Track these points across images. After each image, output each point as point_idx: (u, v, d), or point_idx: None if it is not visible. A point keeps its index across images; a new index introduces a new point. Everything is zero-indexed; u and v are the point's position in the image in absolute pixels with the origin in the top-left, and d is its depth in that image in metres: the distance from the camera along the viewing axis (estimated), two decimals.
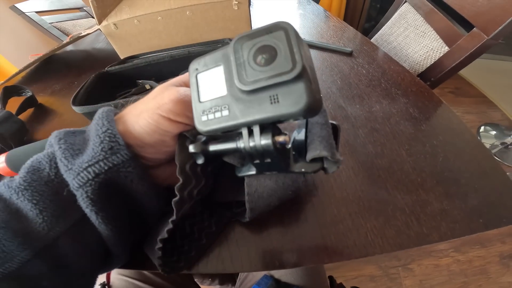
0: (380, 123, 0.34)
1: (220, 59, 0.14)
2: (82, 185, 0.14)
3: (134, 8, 0.46)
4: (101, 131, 0.15)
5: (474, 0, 0.52)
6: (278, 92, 0.12)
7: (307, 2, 0.92)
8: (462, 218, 0.23)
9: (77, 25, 1.05)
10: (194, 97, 0.15)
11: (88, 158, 0.15)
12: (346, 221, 0.24)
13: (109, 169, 0.15)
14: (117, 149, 0.15)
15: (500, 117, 1.46)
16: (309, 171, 0.15)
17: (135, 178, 0.16)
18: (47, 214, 0.14)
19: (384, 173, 0.27)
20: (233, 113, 0.13)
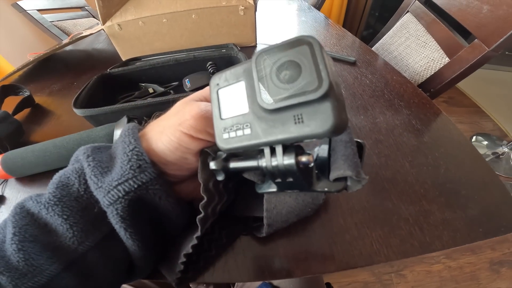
0: (384, 134, 0.34)
1: (242, 75, 0.14)
2: (112, 203, 0.15)
3: (140, 9, 0.45)
4: (128, 149, 0.16)
5: (477, 11, 0.52)
6: (303, 112, 0.11)
7: (308, 9, 0.93)
8: (462, 227, 0.24)
9: (78, 24, 1.05)
10: (215, 113, 0.15)
11: (118, 177, 0.15)
12: (352, 231, 0.24)
13: (139, 187, 0.15)
14: (144, 167, 0.15)
15: (492, 127, 1.49)
16: (332, 191, 0.15)
17: (163, 195, 0.16)
18: (77, 229, 0.15)
19: (388, 184, 0.28)
20: (255, 132, 0.13)
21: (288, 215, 0.20)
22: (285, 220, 0.20)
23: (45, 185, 0.30)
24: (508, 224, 0.24)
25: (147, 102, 0.29)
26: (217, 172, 0.16)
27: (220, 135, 0.14)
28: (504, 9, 0.47)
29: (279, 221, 0.20)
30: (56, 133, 0.38)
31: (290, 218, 0.20)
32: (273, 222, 0.20)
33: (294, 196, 0.19)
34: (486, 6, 0.51)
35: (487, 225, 0.24)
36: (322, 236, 0.24)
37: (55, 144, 0.29)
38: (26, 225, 0.15)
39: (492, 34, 0.48)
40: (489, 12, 0.50)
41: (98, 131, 0.28)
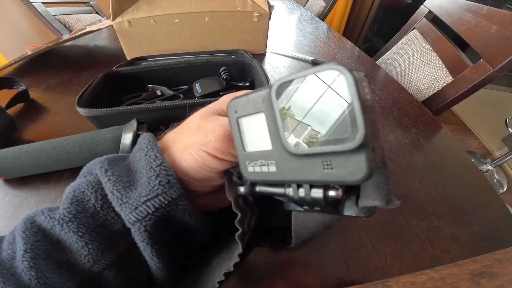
0: (395, 153, 0.36)
1: (261, 105, 0.12)
2: (140, 219, 0.14)
3: (153, 7, 0.44)
4: (155, 164, 0.15)
5: (486, 31, 0.53)
6: (333, 159, 0.10)
7: (312, 19, 0.94)
8: (469, 242, 0.26)
9: (81, 19, 1.03)
10: (238, 143, 0.14)
11: (146, 192, 0.14)
12: (367, 246, 0.25)
13: (169, 203, 0.15)
14: (173, 182, 0.15)
15: (477, 145, 1.54)
16: (360, 216, 0.14)
17: (192, 210, 0.16)
18: (92, 247, 0.14)
19: (400, 201, 0.28)
20: (281, 171, 0.12)
21: (315, 227, 0.19)
22: (312, 232, 0.20)
23: (37, 189, 0.28)
24: (508, 238, 0.27)
25: (158, 106, 0.27)
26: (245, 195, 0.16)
27: (245, 167, 0.14)
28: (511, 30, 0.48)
29: (306, 233, 0.19)
30: (52, 132, 0.36)
31: (317, 230, 0.19)
32: (300, 235, 0.19)
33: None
34: (495, 26, 0.51)
35: (490, 239, 0.26)
36: (338, 251, 0.24)
37: (53, 146, 0.26)
38: (38, 241, 0.14)
39: (498, 55, 0.49)
40: (497, 32, 0.50)
41: (104, 133, 0.25)
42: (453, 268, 0.24)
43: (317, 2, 1.32)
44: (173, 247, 0.17)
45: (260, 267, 0.23)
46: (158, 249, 0.15)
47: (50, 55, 0.57)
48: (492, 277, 0.23)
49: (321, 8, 1.24)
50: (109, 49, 0.61)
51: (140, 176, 0.15)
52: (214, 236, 0.21)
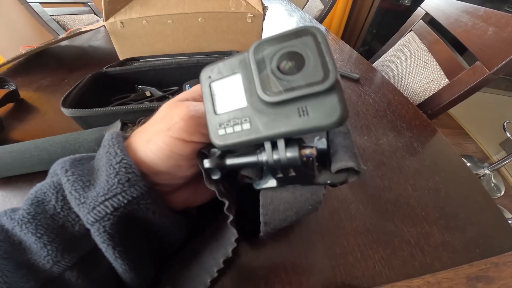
0: (387, 156, 0.35)
1: (237, 66, 0.13)
2: (99, 220, 0.14)
3: (145, 8, 0.43)
4: (115, 161, 0.14)
5: (483, 33, 0.52)
6: (308, 104, 0.11)
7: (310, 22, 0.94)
8: (461, 248, 0.25)
9: (78, 20, 1.03)
10: (208, 108, 0.13)
11: (104, 191, 0.14)
12: (355, 253, 0.24)
13: (129, 202, 0.14)
14: (134, 180, 0.14)
15: (475, 149, 1.54)
16: (335, 182, 0.15)
17: (156, 209, 0.15)
18: (51, 248, 0.14)
19: (391, 207, 0.28)
20: (255, 126, 0.12)
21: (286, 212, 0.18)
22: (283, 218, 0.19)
23: (20, 189, 0.27)
24: (502, 245, 0.26)
25: (143, 107, 0.26)
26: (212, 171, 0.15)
27: (215, 132, 0.13)
28: (508, 31, 0.47)
29: (276, 218, 0.18)
30: (38, 132, 0.35)
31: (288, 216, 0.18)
32: (270, 220, 0.18)
33: (291, 190, 0.17)
34: (492, 28, 0.51)
35: (483, 246, 0.26)
36: (324, 258, 0.24)
37: (36, 146, 0.26)
38: (0, 241, 0.14)
39: (494, 57, 0.48)
40: (494, 34, 0.50)
41: (87, 134, 0.25)
42: (449, 272, 0.24)
43: (315, 4, 1.32)
44: (140, 249, 0.17)
45: (242, 272, 0.22)
46: (121, 250, 0.15)
47: (45, 55, 0.57)
48: (489, 281, 0.23)
49: (319, 11, 1.24)
50: (104, 50, 0.61)
51: (101, 174, 0.15)
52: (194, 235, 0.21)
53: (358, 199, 0.29)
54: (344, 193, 0.29)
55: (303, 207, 0.19)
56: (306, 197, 0.18)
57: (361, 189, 0.30)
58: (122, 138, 0.16)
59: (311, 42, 0.11)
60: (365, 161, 0.34)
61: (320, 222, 0.26)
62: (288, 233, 0.25)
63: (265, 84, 0.11)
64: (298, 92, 0.11)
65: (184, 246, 0.21)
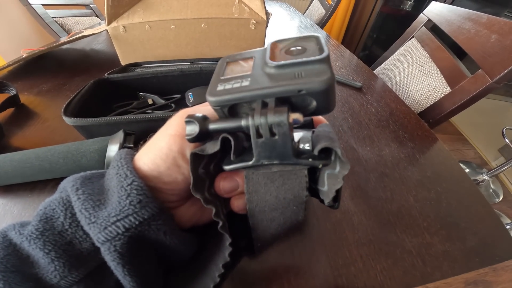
0: (390, 168, 0.35)
1: (253, 54, 0.15)
2: (110, 239, 0.14)
3: (148, 13, 0.43)
4: (125, 183, 0.14)
5: (485, 40, 0.52)
6: (304, 70, 0.13)
7: (311, 27, 0.94)
8: (461, 258, 0.26)
9: (80, 22, 1.03)
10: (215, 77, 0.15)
11: (116, 212, 0.14)
12: (358, 263, 0.24)
13: (140, 223, 0.14)
14: (146, 202, 0.14)
15: (473, 155, 1.54)
16: (316, 164, 0.15)
17: (167, 230, 0.15)
18: (59, 263, 0.14)
19: (393, 218, 0.29)
20: (254, 82, 0.13)
21: (272, 212, 0.19)
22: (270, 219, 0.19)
23: (20, 197, 0.27)
24: (502, 253, 0.26)
25: (147, 117, 0.26)
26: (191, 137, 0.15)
27: (213, 89, 0.14)
28: (511, 39, 0.47)
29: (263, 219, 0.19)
30: (39, 139, 0.35)
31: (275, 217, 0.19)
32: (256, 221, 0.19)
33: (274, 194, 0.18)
34: (494, 35, 0.51)
35: (483, 255, 0.26)
36: (327, 268, 0.24)
37: (37, 155, 0.26)
38: (8, 255, 0.14)
39: (496, 65, 0.48)
40: (497, 41, 0.49)
41: (89, 145, 0.25)
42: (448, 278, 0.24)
43: (316, 9, 1.33)
44: (149, 265, 0.17)
45: (245, 281, 0.23)
46: (130, 268, 0.15)
47: (46, 58, 0.57)
48: (487, 285, 0.23)
49: (320, 16, 1.25)
50: (105, 54, 0.61)
51: (112, 195, 0.15)
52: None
53: (360, 210, 0.29)
54: (347, 205, 0.29)
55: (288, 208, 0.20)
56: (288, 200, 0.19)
57: (363, 201, 0.30)
58: (130, 157, 0.16)
59: (313, 41, 0.14)
60: (368, 173, 0.34)
61: (323, 234, 0.26)
62: (291, 244, 0.25)
63: (273, 56, 0.14)
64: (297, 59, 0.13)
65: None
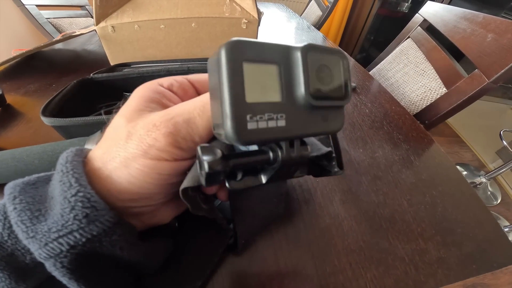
0: (383, 170, 0.34)
1: (279, 58, 0.12)
2: (53, 256, 0.12)
3: (137, 12, 0.42)
4: (69, 193, 0.12)
5: (482, 40, 0.51)
6: (329, 113, 0.13)
7: (308, 28, 0.93)
8: (457, 265, 0.25)
9: (74, 23, 1.02)
10: (233, 93, 0.11)
11: (57, 227, 0.12)
12: (346, 272, 0.23)
13: (88, 240, 0.12)
14: (94, 216, 0.12)
15: (471, 158, 1.54)
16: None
17: (124, 245, 0.14)
18: (3, 275, 0.13)
19: (386, 223, 0.28)
20: (290, 123, 0.12)
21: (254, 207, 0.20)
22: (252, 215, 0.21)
23: None
24: (500, 260, 0.26)
25: None
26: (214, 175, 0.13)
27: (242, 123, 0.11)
28: (508, 38, 0.46)
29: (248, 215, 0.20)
30: (21, 140, 0.34)
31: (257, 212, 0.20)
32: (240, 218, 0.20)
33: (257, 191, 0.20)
34: (491, 34, 0.50)
35: (480, 261, 0.25)
36: (313, 277, 0.23)
37: (13, 156, 0.25)
38: None
39: (493, 65, 0.47)
40: (493, 40, 0.49)
41: (65, 145, 0.24)
42: None
43: (313, 11, 1.33)
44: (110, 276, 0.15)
45: None
46: (86, 282, 0.13)
47: (36, 59, 0.56)
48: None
49: (317, 17, 1.25)
50: (96, 54, 0.60)
51: (55, 205, 0.13)
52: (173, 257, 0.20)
53: (351, 215, 0.28)
54: (337, 209, 0.28)
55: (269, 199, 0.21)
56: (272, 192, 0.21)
57: (355, 205, 0.29)
58: (80, 160, 0.14)
59: (339, 62, 0.13)
60: (360, 176, 0.33)
61: (310, 240, 0.25)
62: (276, 251, 0.24)
63: (308, 86, 0.12)
64: (331, 102, 0.13)
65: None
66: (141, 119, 0.14)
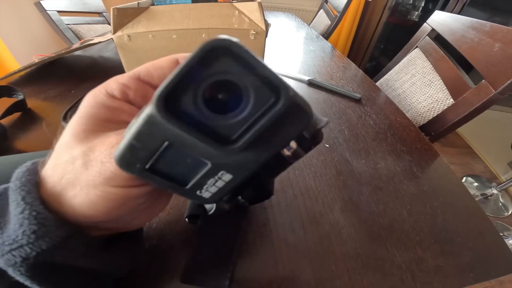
0: (385, 181, 0.34)
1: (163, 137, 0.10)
2: (11, 265, 0.12)
3: (152, 22, 0.45)
4: (17, 211, 0.12)
5: (489, 49, 0.50)
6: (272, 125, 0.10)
7: (317, 38, 0.95)
8: (454, 273, 0.25)
9: (92, 30, 1.06)
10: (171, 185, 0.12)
11: (9, 241, 0.12)
12: (343, 277, 0.24)
13: (38, 254, 0.12)
14: (42, 232, 0.12)
15: (483, 169, 1.50)
16: None
17: (78, 257, 0.14)
18: None
19: (384, 232, 0.28)
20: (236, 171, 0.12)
21: None
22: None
23: None
24: (498, 269, 0.26)
25: None
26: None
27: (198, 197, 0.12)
28: None
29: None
30: (41, 143, 0.36)
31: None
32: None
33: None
34: (498, 44, 0.49)
35: (478, 270, 0.25)
36: (310, 282, 0.23)
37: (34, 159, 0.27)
38: None
39: (500, 75, 0.46)
40: (500, 50, 0.48)
41: None
42: None
43: (322, 20, 1.34)
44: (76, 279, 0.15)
45: None
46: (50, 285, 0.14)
47: (56, 65, 0.59)
48: None
49: (326, 26, 1.26)
50: (112, 61, 0.63)
51: (11, 219, 0.13)
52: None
53: (350, 223, 0.28)
54: (336, 217, 0.29)
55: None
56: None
57: (354, 214, 0.29)
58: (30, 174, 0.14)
59: (232, 61, 0.09)
60: (361, 186, 0.33)
61: (309, 246, 0.26)
62: (275, 256, 0.25)
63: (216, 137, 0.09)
64: (258, 126, 0.09)
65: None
66: (98, 141, 0.13)
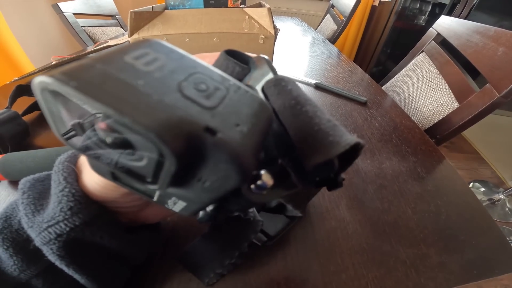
0: (389, 180, 0.35)
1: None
2: (46, 243, 0.14)
3: (166, 26, 0.47)
4: (58, 189, 0.14)
5: (493, 53, 0.51)
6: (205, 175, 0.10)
7: (323, 42, 0.96)
8: (458, 269, 0.25)
9: (105, 32, 1.08)
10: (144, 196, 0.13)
11: (48, 218, 0.14)
12: (349, 271, 0.24)
13: (71, 230, 0.14)
14: (78, 208, 0.14)
15: (490, 175, 1.48)
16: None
17: (104, 235, 0.16)
18: (17, 259, 0.15)
19: (389, 228, 0.29)
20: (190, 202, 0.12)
21: None
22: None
23: None
24: (502, 266, 0.26)
25: None
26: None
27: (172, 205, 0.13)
28: None
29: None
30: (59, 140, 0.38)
31: None
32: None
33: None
34: (502, 48, 0.50)
35: (482, 267, 0.26)
36: (318, 274, 0.24)
37: (58, 153, 0.28)
38: None
39: (504, 79, 0.47)
40: (504, 54, 0.49)
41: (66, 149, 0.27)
42: None
43: (328, 25, 1.36)
44: (98, 263, 0.17)
45: (237, 285, 0.23)
46: (76, 267, 0.15)
47: None
48: None
49: (332, 31, 1.27)
50: None
51: (51, 200, 0.15)
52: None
53: (356, 220, 0.29)
54: (342, 213, 0.30)
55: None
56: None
57: (360, 211, 0.30)
58: (73, 161, 0.16)
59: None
60: (366, 184, 0.34)
61: (317, 240, 0.27)
62: (284, 249, 0.26)
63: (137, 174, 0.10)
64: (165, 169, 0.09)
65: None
66: None
